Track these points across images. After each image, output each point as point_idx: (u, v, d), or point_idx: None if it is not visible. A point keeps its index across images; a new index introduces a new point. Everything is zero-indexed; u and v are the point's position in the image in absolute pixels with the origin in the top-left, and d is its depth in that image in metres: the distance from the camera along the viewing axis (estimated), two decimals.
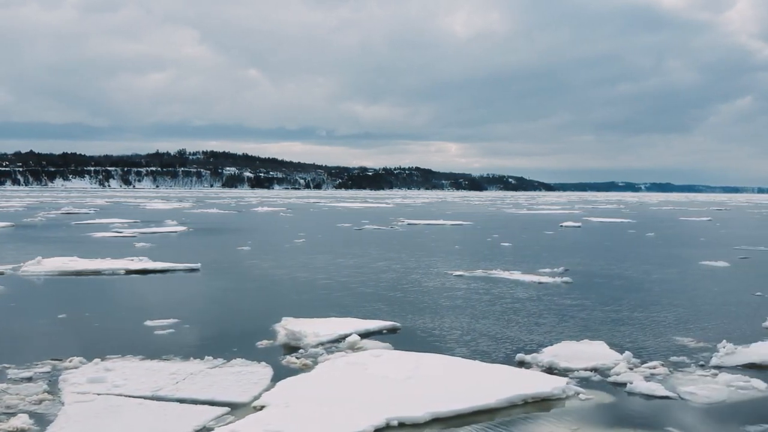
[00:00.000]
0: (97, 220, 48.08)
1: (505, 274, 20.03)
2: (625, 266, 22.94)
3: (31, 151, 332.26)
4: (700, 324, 13.10)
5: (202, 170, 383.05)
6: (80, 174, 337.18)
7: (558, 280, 19.12)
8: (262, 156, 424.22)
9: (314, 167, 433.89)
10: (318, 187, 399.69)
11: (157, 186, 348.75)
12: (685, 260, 25.12)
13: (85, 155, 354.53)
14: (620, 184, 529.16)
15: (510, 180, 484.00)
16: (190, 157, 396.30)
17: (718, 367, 9.86)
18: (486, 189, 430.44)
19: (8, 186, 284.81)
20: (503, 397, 7.92)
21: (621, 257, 26.12)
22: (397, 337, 11.65)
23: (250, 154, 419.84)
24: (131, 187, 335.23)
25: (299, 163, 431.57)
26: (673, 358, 10.27)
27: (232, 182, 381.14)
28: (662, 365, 9.79)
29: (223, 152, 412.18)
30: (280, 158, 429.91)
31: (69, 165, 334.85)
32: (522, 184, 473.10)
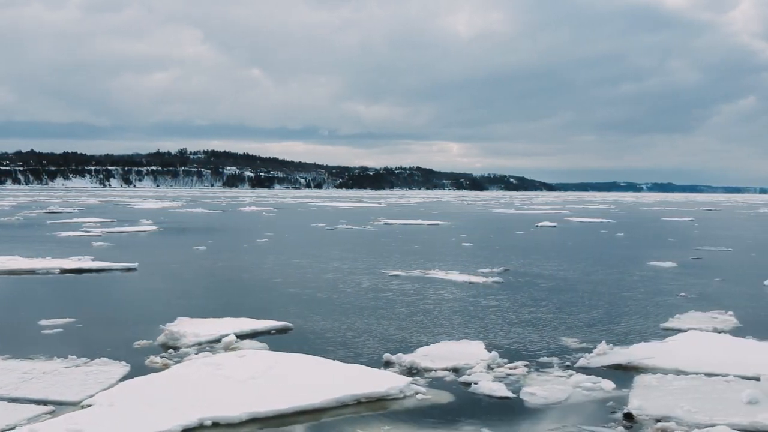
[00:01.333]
0: (75, 220, 48.22)
1: (441, 275, 20.04)
2: (571, 266, 22.92)
3: (31, 150, 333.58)
4: (601, 325, 13.10)
5: (202, 170, 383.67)
6: (81, 173, 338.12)
7: (490, 280, 19.13)
8: (263, 156, 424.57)
9: (315, 167, 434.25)
10: (319, 186, 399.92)
11: (158, 185, 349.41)
12: (634, 261, 25.08)
13: (85, 154, 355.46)
14: (622, 184, 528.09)
15: (511, 180, 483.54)
16: (191, 156, 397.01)
17: (583, 368, 9.87)
18: (487, 189, 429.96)
19: (9, 185, 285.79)
20: (332, 397, 7.95)
21: (573, 257, 26.10)
22: (280, 338, 11.70)
23: (250, 154, 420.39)
24: (132, 186, 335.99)
25: (300, 162, 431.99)
26: (544, 359, 10.29)
27: (232, 182, 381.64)
28: (526, 366, 9.81)
29: (224, 152, 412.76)
30: (281, 158, 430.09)
31: (69, 164, 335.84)
32: (523, 184, 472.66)
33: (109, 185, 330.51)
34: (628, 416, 7.72)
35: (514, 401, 8.38)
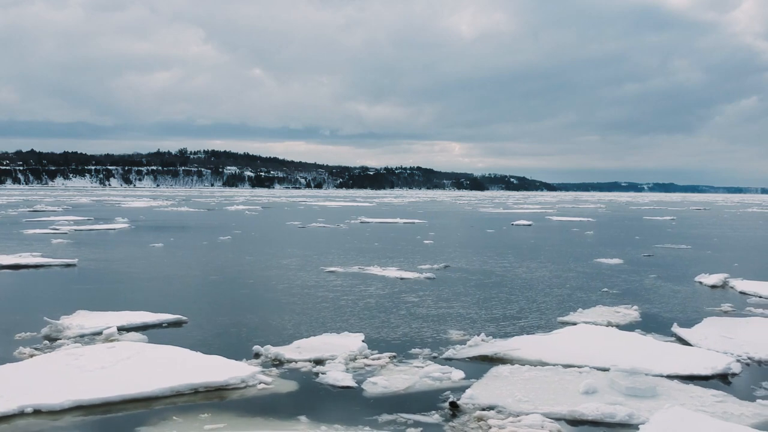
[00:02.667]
0: (52, 218, 48.36)
1: (377, 271, 20.14)
2: (516, 263, 22.98)
3: (32, 149, 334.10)
4: (502, 319, 13.17)
5: (203, 169, 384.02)
6: (81, 173, 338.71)
7: (423, 276, 19.24)
8: (264, 156, 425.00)
9: (315, 167, 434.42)
10: (319, 186, 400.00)
11: (158, 185, 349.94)
12: (583, 258, 25.13)
13: (86, 154, 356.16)
14: (623, 184, 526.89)
15: (512, 180, 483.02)
16: (192, 156, 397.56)
17: (447, 359, 9.99)
18: (488, 189, 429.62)
19: (9, 184, 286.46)
20: (168, 386, 8.05)
21: (525, 254, 26.14)
22: (167, 330, 11.83)
23: (251, 154, 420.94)
24: (132, 186, 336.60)
25: (300, 162, 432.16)
26: (415, 350, 10.40)
27: (233, 182, 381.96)
28: (390, 357, 9.91)
29: (225, 151, 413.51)
30: (281, 158, 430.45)
31: (70, 164, 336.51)
32: (524, 184, 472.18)
33: (109, 185, 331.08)
34: (453, 405, 7.81)
35: (353, 390, 8.48)
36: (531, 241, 34.07)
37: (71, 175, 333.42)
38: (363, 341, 10.80)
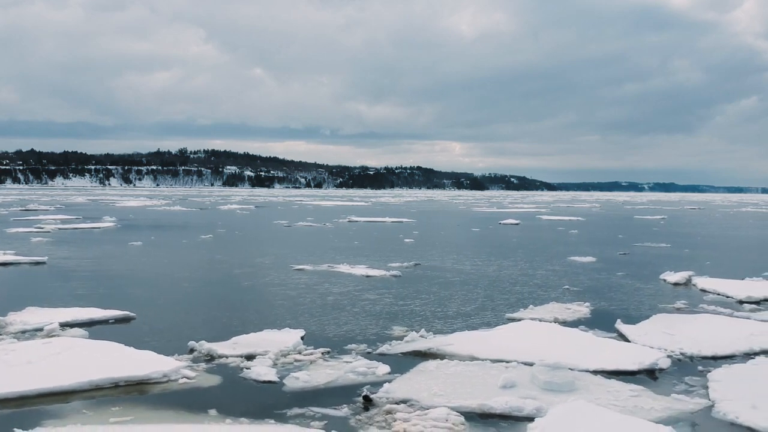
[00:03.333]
0: (41, 217, 48.47)
1: (346, 269, 20.19)
2: (487, 261, 23.02)
3: (32, 149, 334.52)
4: (451, 316, 13.24)
5: (203, 169, 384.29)
6: (81, 173, 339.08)
7: (389, 274, 19.31)
8: (264, 155, 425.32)
9: (315, 166, 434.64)
10: (319, 186, 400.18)
11: (158, 185, 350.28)
12: (557, 256, 25.18)
13: (86, 154, 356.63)
14: (624, 184, 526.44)
15: (512, 179, 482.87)
16: (192, 156, 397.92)
17: (381, 355, 10.07)
18: (488, 188, 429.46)
19: (8, 184, 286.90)
20: (87, 380, 8.12)
21: (500, 253, 26.19)
22: (111, 327, 11.90)
23: (251, 153, 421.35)
24: (132, 185, 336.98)
25: (300, 162, 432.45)
26: (351, 346, 10.46)
27: (233, 181, 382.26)
28: (323, 353, 9.98)
29: (225, 151, 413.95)
30: (281, 157, 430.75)
31: (69, 164, 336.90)
32: (524, 184, 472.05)
33: (109, 185, 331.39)
34: (366, 398, 7.87)
35: (273, 385, 8.55)
36: (513, 239, 34.12)
37: (71, 174, 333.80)
38: (302, 337, 10.90)
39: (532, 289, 16.91)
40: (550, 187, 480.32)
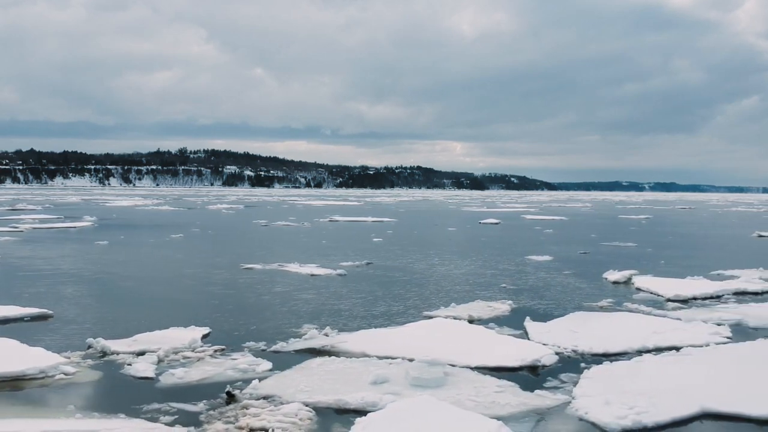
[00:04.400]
0: (21, 216, 48.74)
1: (295, 267, 20.29)
2: (444, 260, 23.12)
3: (31, 149, 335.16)
4: (365, 315, 13.33)
5: (203, 169, 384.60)
6: (80, 172, 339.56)
7: (335, 273, 19.41)
8: (264, 155, 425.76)
9: (315, 166, 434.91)
10: (319, 186, 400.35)
11: (158, 184, 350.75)
12: (517, 255, 25.25)
13: (85, 153, 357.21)
14: (624, 184, 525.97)
15: (512, 179, 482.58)
16: (192, 155, 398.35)
17: (275, 352, 10.18)
18: (488, 188, 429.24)
19: (8, 184, 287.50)
20: None
21: (462, 252, 26.28)
22: (22, 324, 12.02)
23: (251, 153, 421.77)
24: (132, 185, 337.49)
25: (300, 161, 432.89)
26: (249, 344, 10.59)
27: (232, 181, 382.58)
28: (216, 351, 10.12)
29: (225, 151, 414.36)
30: (281, 157, 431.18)
31: (69, 163, 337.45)
32: (524, 184, 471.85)
33: (109, 184, 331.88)
34: (229, 394, 7.97)
35: (148, 381, 8.68)
36: (482, 239, 34.18)
37: (71, 174, 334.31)
38: (205, 335, 11.04)
39: (468, 288, 16.99)
40: (551, 186, 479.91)
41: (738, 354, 9.91)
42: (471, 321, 12.67)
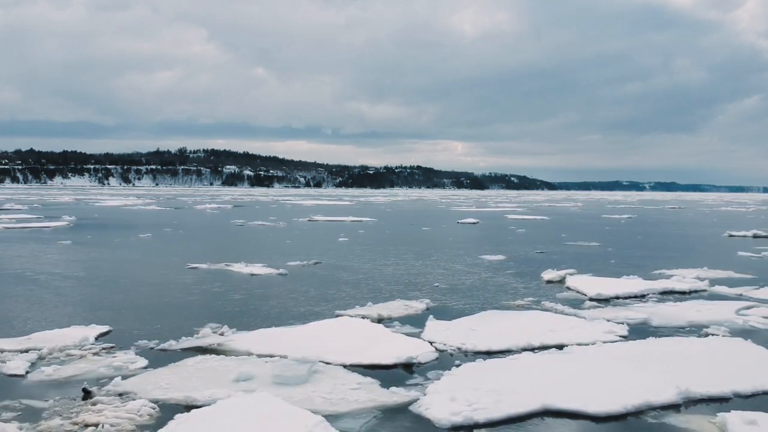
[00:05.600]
0: (2, 216, 48.97)
1: (239, 267, 20.44)
2: (391, 260, 23.23)
3: (31, 149, 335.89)
4: (279, 313, 13.46)
5: (202, 168, 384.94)
6: (80, 172, 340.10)
7: (276, 272, 19.57)
8: (264, 155, 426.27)
9: (315, 166, 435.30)
10: (318, 185, 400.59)
11: (157, 184, 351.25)
12: (469, 254, 25.36)
13: (85, 153, 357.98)
14: (624, 183, 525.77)
15: (512, 179, 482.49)
16: (191, 155, 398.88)
17: (162, 350, 10.30)
18: (488, 188, 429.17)
19: (7, 184, 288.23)
20: None
21: (414, 251, 26.38)
22: None
23: (251, 153, 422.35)
24: (131, 185, 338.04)
25: (300, 161, 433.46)
26: (141, 342, 10.72)
27: (232, 180, 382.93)
28: (104, 349, 10.25)
29: (224, 150, 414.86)
30: (281, 157, 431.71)
31: (69, 163, 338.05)
32: (524, 183, 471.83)
33: (108, 184, 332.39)
34: (85, 391, 8.11)
35: (16, 378, 8.82)
36: (449, 239, 34.28)
37: (70, 174, 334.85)
38: (102, 333, 11.19)
39: (400, 287, 17.10)
40: (551, 186, 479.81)
41: (614, 353, 10.02)
42: (380, 320, 12.78)
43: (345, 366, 9.41)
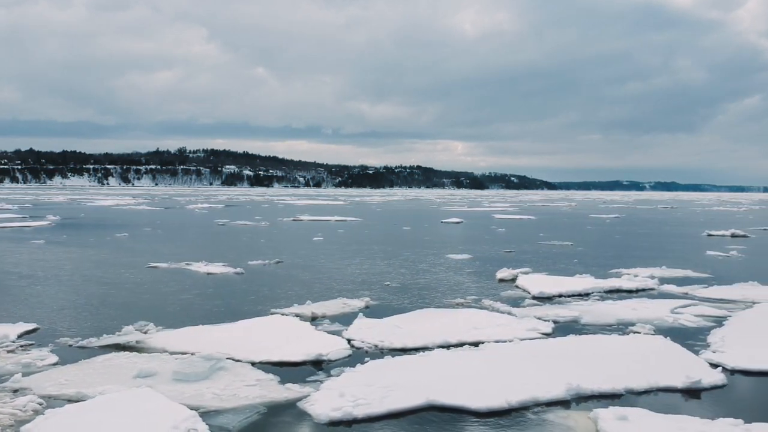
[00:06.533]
0: None
1: (199, 266, 20.53)
2: (357, 260, 23.31)
3: (30, 149, 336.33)
4: (219, 311, 13.56)
5: (202, 168, 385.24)
6: (79, 172, 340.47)
7: (234, 271, 19.68)
8: (263, 154, 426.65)
9: (315, 165, 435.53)
10: (318, 185, 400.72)
11: (156, 184, 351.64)
12: (435, 253, 25.44)
13: (84, 153, 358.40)
14: (625, 183, 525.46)
15: (512, 179, 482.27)
16: (191, 155, 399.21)
17: (81, 348, 10.40)
18: (488, 188, 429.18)
19: (7, 184, 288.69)
20: None
21: (383, 251, 26.45)
22: None
23: (250, 153, 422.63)
24: (131, 185, 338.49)
25: (300, 161, 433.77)
26: (63, 339, 10.83)
27: (232, 180, 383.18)
28: (21, 347, 10.34)
29: (224, 150, 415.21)
30: (281, 156, 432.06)
31: (68, 163, 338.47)
32: (524, 183, 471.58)
33: (108, 184, 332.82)
34: None
35: None
36: (425, 238, 34.33)
37: (70, 174, 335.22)
38: (28, 331, 11.32)
39: (349, 286, 17.17)
40: (551, 186, 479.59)
41: (526, 350, 10.10)
42: (313, 318, 12.88)
43: (254, 363, 9.49)
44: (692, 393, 8.48)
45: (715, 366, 9.46)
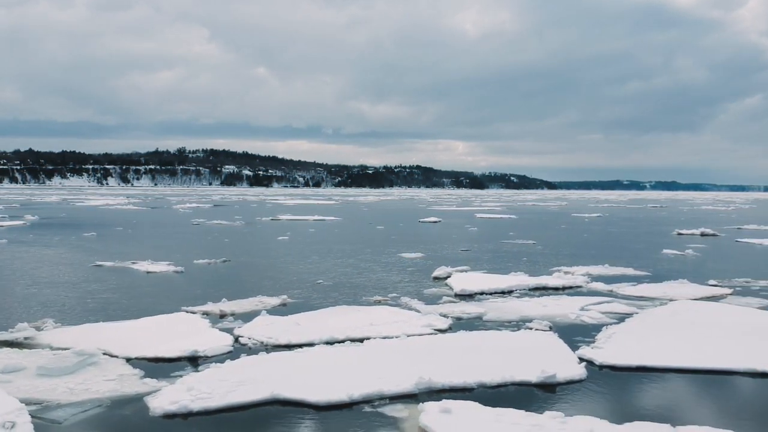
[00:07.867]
0: None
1: (143, 265, 20.67)
2: (308, 260, 23.47)
3: (30, 149, 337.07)
4: (133, 309, 13.70)
5: (201, 168, 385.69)
6: (79, 172, 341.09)
7: (174, 269, 19.83)
8: (263, 154, 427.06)
9: (314, 165, 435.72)
10: (318, 185, 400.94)
11: (156, 184, 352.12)
12: (394, 252, 25.54)
13: (84, 153, 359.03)
14: (625, 183, 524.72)
15: (512, 178, 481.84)
16: (190, 155, 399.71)
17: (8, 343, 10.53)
18: (488, 187, 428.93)
19: (6, 184, 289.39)
20: None
21: (341, 250, 26.59)
22: None
23: (250, 153, 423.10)
24: (130, 185, 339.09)
25: (299, 161, 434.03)
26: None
27: (231, 180, 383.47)
28: None
29: (223, 150, 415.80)
30: (280, 156, 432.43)
31: (67, 163, 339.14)
32: (524, 183, 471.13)
33: (107, 184, 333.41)
34: None
35: None
36: (392, 237, 34.42)
37: (69, 174, 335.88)
38: None
39: (278, 284, 17.31)
40: (551, 186, 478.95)
41: (406, 346, 10.23)
42: (222, 315, 13.01)
43: (129, 359, 9.63)
44: (546, 387, 8.60)
45: (583, 361, 9.58)
